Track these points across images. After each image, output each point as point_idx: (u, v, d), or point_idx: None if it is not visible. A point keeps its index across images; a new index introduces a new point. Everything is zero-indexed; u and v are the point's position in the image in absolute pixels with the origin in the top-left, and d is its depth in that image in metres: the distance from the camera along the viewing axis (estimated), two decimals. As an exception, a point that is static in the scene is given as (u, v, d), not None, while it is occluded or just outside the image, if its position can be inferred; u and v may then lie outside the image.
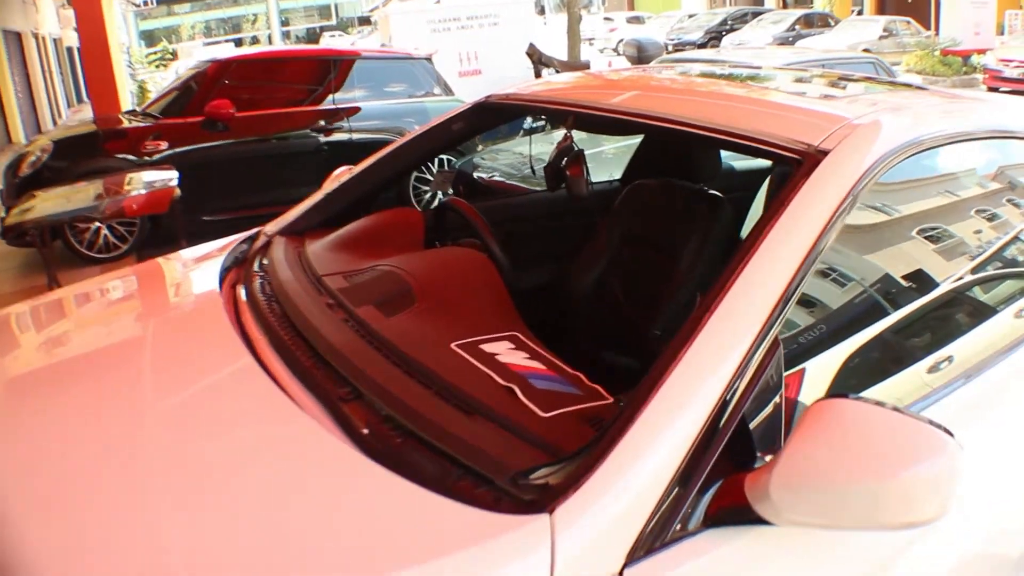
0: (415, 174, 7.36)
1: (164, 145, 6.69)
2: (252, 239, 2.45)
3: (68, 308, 2.24)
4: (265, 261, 2.18)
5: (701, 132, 1.85)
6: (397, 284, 1.95)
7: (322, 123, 7.34)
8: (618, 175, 3.25)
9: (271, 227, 2.45)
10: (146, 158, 6.59)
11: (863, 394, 1.40)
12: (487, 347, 1.65)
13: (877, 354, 1.84)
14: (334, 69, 7.53)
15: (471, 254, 2.18)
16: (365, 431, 1.40)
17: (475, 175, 6.12)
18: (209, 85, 7.02)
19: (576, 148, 2.50)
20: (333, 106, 7.43)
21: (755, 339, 1.32)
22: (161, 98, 7.59)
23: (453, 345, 1.64)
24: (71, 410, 1.61)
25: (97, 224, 6.35)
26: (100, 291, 2.36)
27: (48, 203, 5.23)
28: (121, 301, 2.30)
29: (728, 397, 1.27)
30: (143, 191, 5.30)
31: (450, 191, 3.53)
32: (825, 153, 1.57)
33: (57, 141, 6.78)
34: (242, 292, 2.03)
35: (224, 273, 2.21)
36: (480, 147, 7.05)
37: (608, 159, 4.96)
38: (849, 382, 1.71)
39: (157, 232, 6.51)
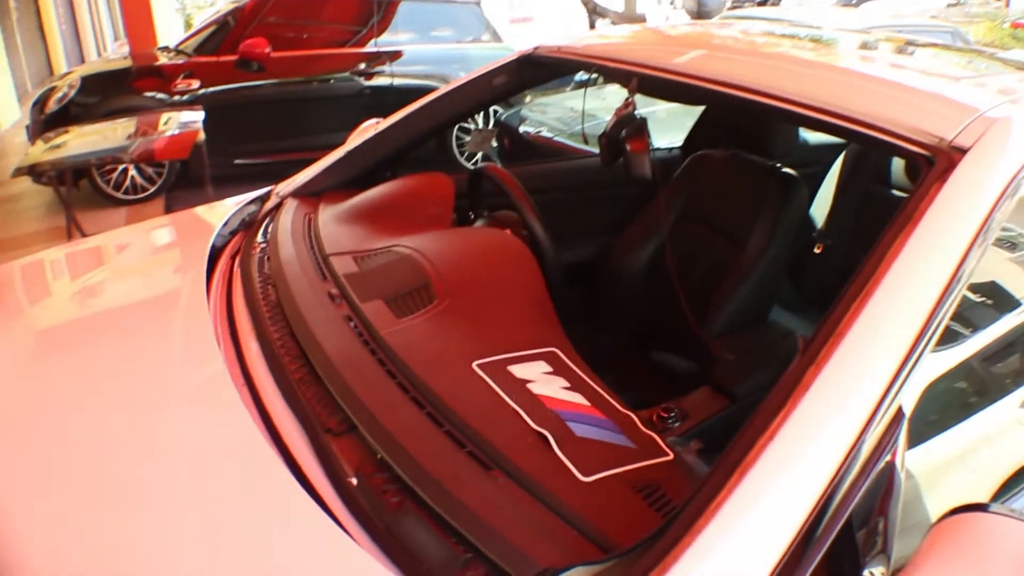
0: (459, 124, 6.97)
1: (196, 84, 6.39)
2: (263, 199, 2.14)
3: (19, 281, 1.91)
4: (270, 230, 1.86)
5: (789, 108, 1.50)
6: (414, 274, 1.61)
7: (362, 66, 6.97)
8: (677, 141, 2.89)
9: (285, 186, 2.15)
10: (176, 97, 6.31)
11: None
12: (518, 369, 1.32)
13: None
14: (378, 10, 7.10)
15: (505, 239, 1.83)
16: (353, 481, 1.09)
17: (521, 129, 5.72)
18: (246, 22, 6.65)
19: (638, 117, 2.12)
20: (375, 49, 7.04)
21: (875, 406, 0.99)
22: (196, 34, 7.24)
23: (475, 365, 1.31)
24: None
25: (125, 165, 6.08)
26: (68, 262, 2.03)
27: (75, 142, 4.94)
28: (90, 278, 1.96)
29: (837, 484, 0.93)
30: (176, 131, 4.99)
31: (493, 145, 3.16)
32: (962, 151, 1.26)
33: (86, 77, 6.49)
34: (237, 270, 1.74)
35: (222, 242, 1.90)
36: (528, 98, 6.64)
37: (661, 120, 4.57)
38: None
39: (187, 174, 6.23)
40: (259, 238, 1.86)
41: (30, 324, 1.72)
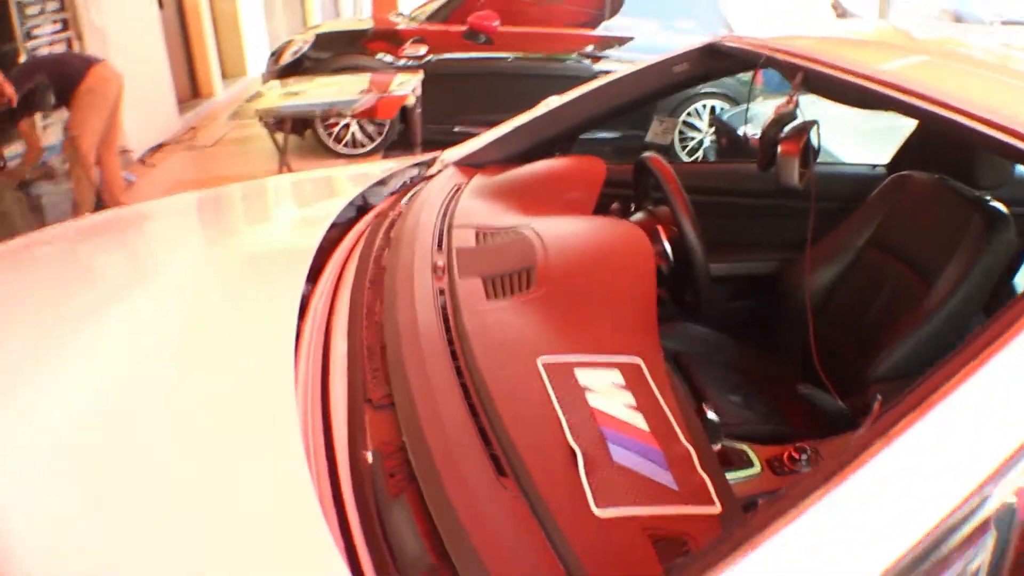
0: (682, 119, 6.71)
1: (423, 51, 6.54)
2: (428, 164, 2.08)
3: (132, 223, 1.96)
4: (416, 194, 1.81)
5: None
6: (522, 257, 1.49)
7: (589, 49, 6.85)
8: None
9: (451, 153, 2.08)
10: (402, 61, 6.47)
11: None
12: (585, 375, 1.17)
13: None
14: (611, -8, 6.97)
15: (631, 235, 1.65)
16: (369, 457, 1.03)
17: (740, 130, 5.39)
18: (478, -7, 6.71)
19: (800, 116, 1.86)
20: (604, 32, 6.91)
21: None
22: (430, 2, 7.40)
23: (541, 360, 1.17)
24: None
25: (347, 120, 6.31)
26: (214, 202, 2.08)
27: (314, 91, 5.21)
28: (234, 217, 2.00)
29: None
30: (399, 93, 5.11)
31: (667, 141, 2.96)
32: None
33: (320, 34, 6.83)
34: (365, 230, 1.72)
35: (375, 199, 1.86)
36: (760, 96, 6.28)
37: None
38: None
39: (406, 135, 6.39)
40: (404, 201, 1.80)
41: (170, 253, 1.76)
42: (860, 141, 4.02)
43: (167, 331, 1.37)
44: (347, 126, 6.46)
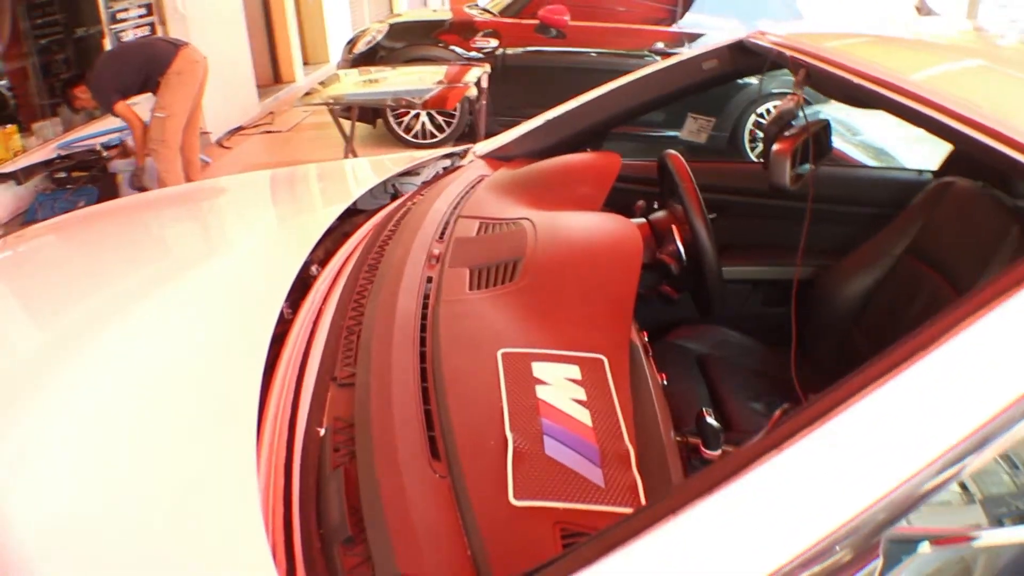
0: (753, 118, 6.63)
1: (493, 43, 6.59)
2: (461, 155, 2.14)
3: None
4: (437, 184, 1.87)
5: None
6: (512, 250, 1.53)
7: (660, 45, 6.82)
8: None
9: (483, 146, 2.13)
10: (473, 53, 6.53)
11: None
12: (542, 367, 1.19)
13: None
14: (684, -11, 6.92)
15: (624, 231, 1.64)
16: (321, 431, 1.12)
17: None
18: (551, -13, 6.74)
19: (801, 114, 1.82)
20: (676, 29, 6.87)
21: None
22: (507, -6, 7.46)
23: (501, 351, 1.20)
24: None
25: (416, 110, 6.41)
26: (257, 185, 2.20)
27: (394, 79, 5.29)
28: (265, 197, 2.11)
29: None
30: (464, 85, 5.17)
31: (702, 140, 2.92)
32: None
33: (394, 24, 6.93)
34: (381, 215, 1.79)
35: (404, 188, 1.93)
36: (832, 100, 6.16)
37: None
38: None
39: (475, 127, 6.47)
40: (425, 191, 1.86)
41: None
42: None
43: (177, 296, 1.53)
44: (416, 116, 6.56)
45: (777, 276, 2.43)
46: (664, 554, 0.74)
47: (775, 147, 1.76)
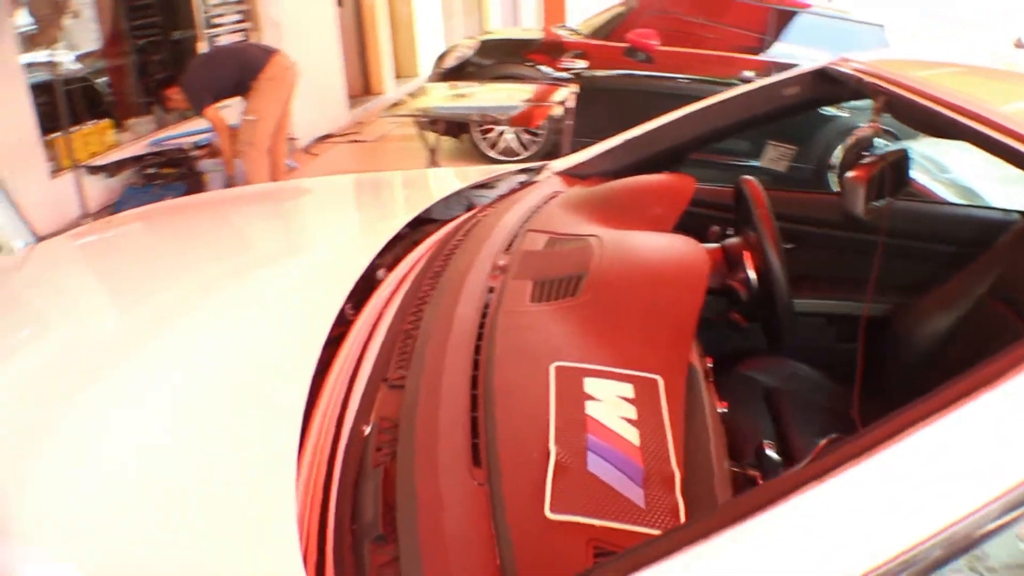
0: (840, 151, 6.52)
1: (581, 64, 6.61)
2: (537, 171, 2.16)
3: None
4: (511, 199, 1.89)
5: None
6: (577, 265, 1.52)
7: (748, 74, 6.75)
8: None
9: (559, 163, 2.15)
10: (560, 73, 6.56)
11: None
12: (594, 384, 1.17)
13: None
14: (775, 18, 6.84)
15: (692, 254, 1.62)
16: (366, 430, 1.14)
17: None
18: (641, 11, 6.77)
19: (876, 142, 1.78)
20: (765, 58, 6.80)
21: None
22: (597, 16, 7.48)
23: (554, 364, 1.20)
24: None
25: (502, 127, 6.47)
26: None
27: (482, 95, 5.38)
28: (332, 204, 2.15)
29: None
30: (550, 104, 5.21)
31: (782, 168, 2.88)
32: None
33: (484, 41, 7.03)
34: (452, 226, 1.82)
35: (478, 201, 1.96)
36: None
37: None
38: None
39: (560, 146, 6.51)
40: (498, 203, 1.88)
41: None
42: None
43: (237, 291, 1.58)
44: (502, 133, 6.63)
45: (852, 311, 2.38)
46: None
47: (850, 174, 1.74)
